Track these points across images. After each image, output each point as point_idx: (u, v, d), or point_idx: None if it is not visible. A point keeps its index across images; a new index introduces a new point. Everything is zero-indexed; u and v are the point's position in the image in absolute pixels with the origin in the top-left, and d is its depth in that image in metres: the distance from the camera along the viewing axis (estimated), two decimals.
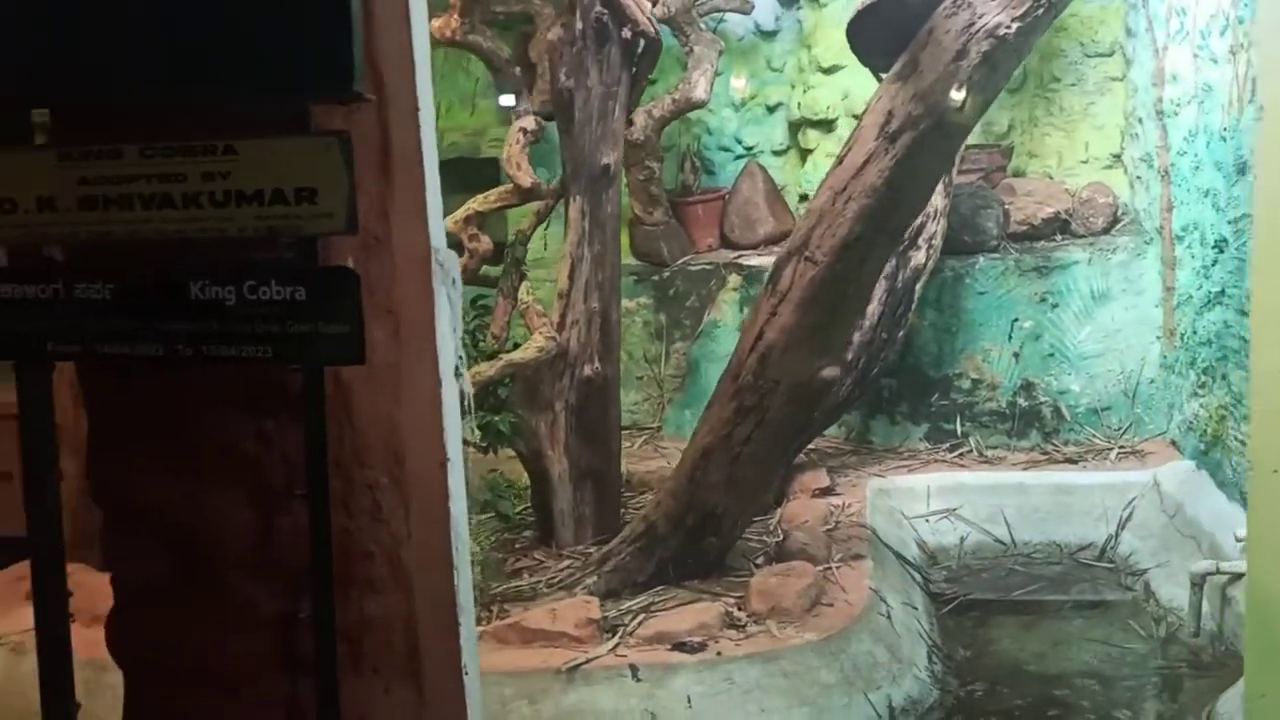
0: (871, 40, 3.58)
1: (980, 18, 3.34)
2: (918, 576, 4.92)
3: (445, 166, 7.19)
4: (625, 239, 5.88)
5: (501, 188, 4.46)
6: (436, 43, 4.20)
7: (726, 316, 6.60)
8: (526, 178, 4.23)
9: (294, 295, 1.66)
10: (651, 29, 4.51)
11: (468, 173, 7.97)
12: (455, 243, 4.60)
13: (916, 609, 4.42)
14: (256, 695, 1.86)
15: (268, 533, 1.89)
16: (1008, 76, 3.53)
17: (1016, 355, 6.12)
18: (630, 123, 5.11)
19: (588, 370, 4.67)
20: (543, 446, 4.67)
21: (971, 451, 5.99)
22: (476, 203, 4.47)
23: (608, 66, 4.49)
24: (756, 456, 4.01)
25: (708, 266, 6.70)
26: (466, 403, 2.11)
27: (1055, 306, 6.10)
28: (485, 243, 4.52)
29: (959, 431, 6.09)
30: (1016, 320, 6.14)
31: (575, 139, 4.52)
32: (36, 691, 1.83)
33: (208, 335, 1.70)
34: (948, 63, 3.36)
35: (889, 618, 4.03)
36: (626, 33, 4.54)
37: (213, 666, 1.86)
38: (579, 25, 4.44)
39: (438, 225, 2.07)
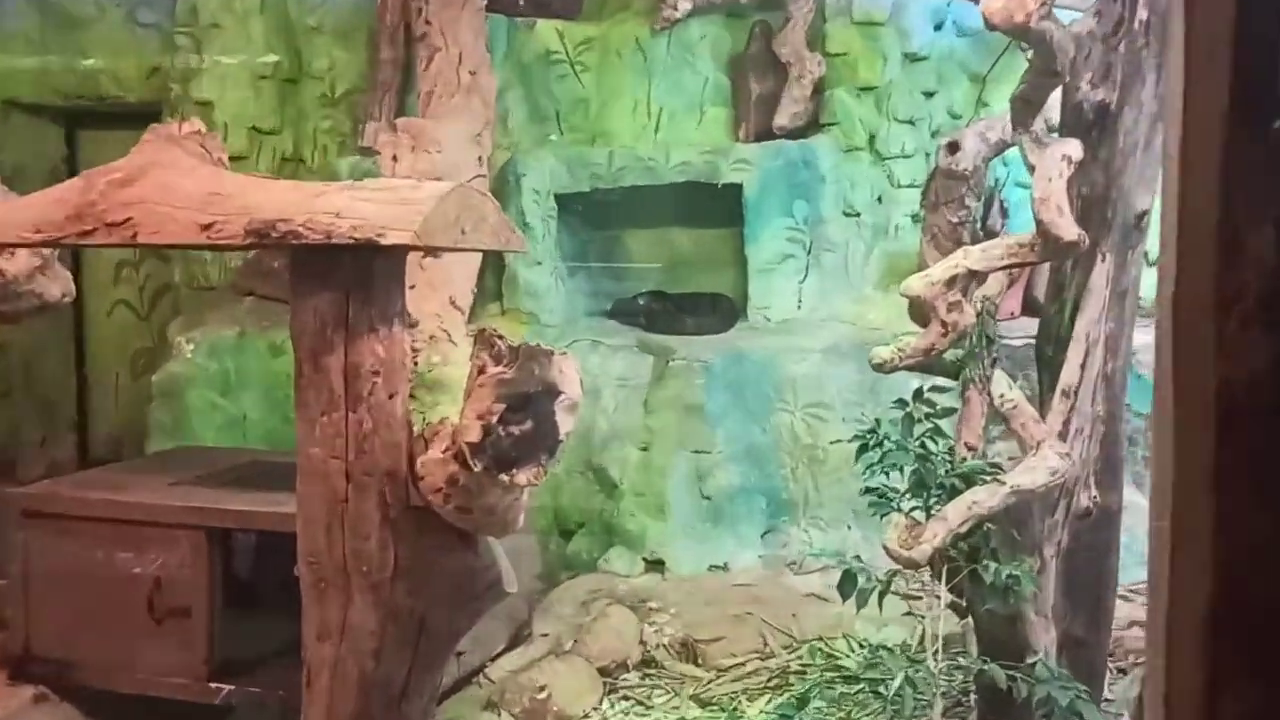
0: None
1: None
2: None
3: (673, 191, 5.38)
4: None
5: (1016, 238, 3.08)
6: (994, 28, 2.81)
7: None
8: (1071, 228, 2.86)
9: None
10: None
11: (702, 202, 6.51)
12: (921, 311, 3.22)
13: None
14: None
15: None
16: None
17: None
18: (954, 146, 3.77)
19: (1084, 500, 3.29)
20: (1024, 606, 3.27)
21: None
22: (970, 258, 3.08)
23: (1166, 74, 3.13)
24: None
25: (1026, 342, 4.97)
26: None
27: None
28: (968, 314, 3.13)
29: None
30: None
31: (1114, 175, 3.15)
32: None
33: None
34: None
35: None
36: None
37: None
38: (1138, 14, 3.08)
39: None
